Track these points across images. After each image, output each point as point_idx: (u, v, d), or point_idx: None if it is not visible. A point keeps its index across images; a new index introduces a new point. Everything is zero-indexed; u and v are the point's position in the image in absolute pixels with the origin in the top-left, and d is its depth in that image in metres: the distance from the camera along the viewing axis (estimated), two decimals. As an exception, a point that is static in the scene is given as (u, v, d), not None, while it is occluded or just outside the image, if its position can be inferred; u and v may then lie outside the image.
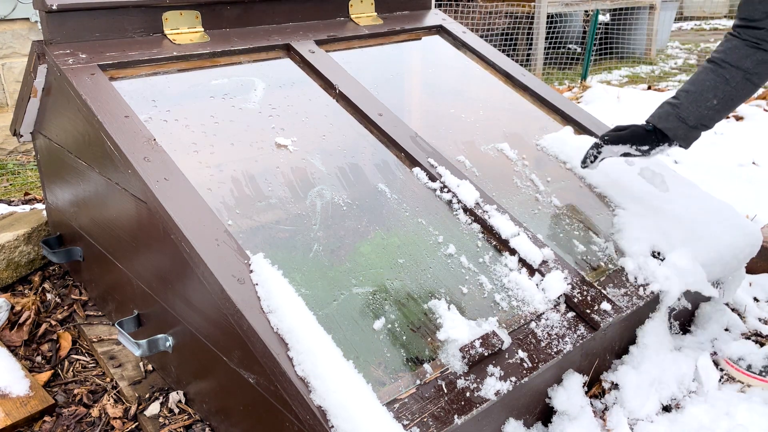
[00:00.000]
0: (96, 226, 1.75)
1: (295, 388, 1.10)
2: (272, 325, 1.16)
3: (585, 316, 1.43)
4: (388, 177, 1.67)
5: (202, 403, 1.48)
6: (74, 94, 1.55)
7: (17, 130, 2.01)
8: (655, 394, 1.50)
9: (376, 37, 2.19)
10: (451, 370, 1.24)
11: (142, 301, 1.60)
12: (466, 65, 2.26)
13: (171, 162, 1.43)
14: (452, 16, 2.22)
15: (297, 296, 1.21)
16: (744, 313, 1.88)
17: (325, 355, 1.12)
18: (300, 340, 1.13)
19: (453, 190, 1.62)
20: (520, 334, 1.35)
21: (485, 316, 1.37)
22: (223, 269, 1.23)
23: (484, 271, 1.48)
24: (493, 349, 1.27)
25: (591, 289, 1.48)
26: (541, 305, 1.42)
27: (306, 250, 1.42)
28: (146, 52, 1.75)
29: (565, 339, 1.37)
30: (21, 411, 1.53)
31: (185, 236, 1.28)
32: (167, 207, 1.32)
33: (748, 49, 1.48)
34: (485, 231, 1.57)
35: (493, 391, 1.22)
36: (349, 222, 1.51)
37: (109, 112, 1.51)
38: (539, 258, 1.49)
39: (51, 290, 2.02)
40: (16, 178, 3.66)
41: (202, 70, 1.82)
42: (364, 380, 1.12)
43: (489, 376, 1.24)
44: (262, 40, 1.95)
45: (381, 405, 1.11)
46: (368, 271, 1.42)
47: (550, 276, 1.46)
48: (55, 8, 1.65)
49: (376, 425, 1.06)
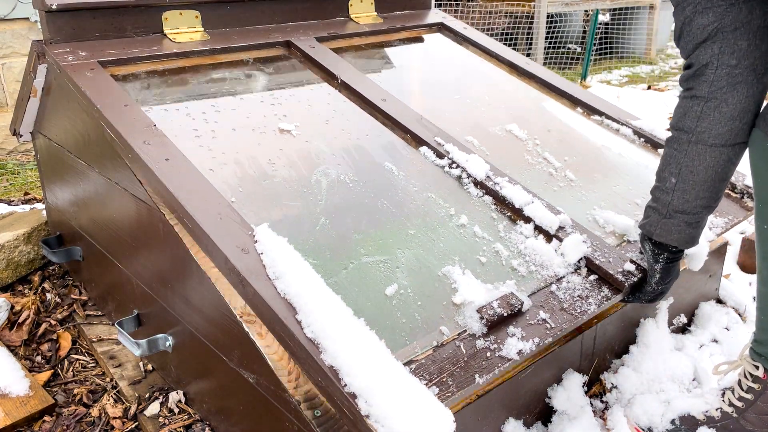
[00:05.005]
0: (96, 225, 1.75)
1: (305, 350, 1.05)
2: (279, 291, 1.12)
3: (608, 278, 1.36)
4: (394, 156, 1.64)
5: (202, 403, 1.48)
6: (73, 88, 1.55)
7: (17, 129, 2.01)
8: (655, 394, 1.50)
9: (377, 34, 2.19)
10: (470, 332, 1.18)
11: (141, 301, 1.60)
12: (470, 58, 2.26)
13: (172, 144, 1.42)
14: (452, 16, 2.23)
15: (304, 261, 1.17)
16: (744, 313, 1.88)
17: (334, 314, 1.08)
18: (308, 302, 1.09)
19: (462, 165, 1.59)
20: (540, 296, 1.29)
21: (502, 280, 1.32)
22: (227, 240, 1.20)
23: (498, 239, 1.42)
24: (513, 310, 1.21)
25: (612, 252, 1.41)
26: (561, 269, 1.36)
27: (312, 223, 1.39)
28: (146, 49, 1.75)
29: (588, 300, 1.30)
30: (21, 411, 1.53)
31: (187, 211, 1.25)
32: (168, 185, 1.30)
33: (685, 102, 1.20)
34: (498, 202, 1.52)
35: (515, 350, 1.16)
36: (356, 197, 1.48)
37: (108, 102, 1.50)
38: (556, 223, 1.43)
39: (51, 290, 2.02)
40: (15, 178, 3.66)
41: (202, 65, 1.82)
42: (376, 337, 1.07)
43: (510, 337, 1.18)
44: (262, 39, 1.95)
45: (395, 359, 1.05)
46: (377, 241, 1.37)
47: (568, 240, 1.39)
48: (55, 8, 1.65)
49: (390, 379, 1.01)
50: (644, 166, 1.81)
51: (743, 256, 2.13)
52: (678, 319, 1.74)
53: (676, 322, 1.73)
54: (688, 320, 1.80)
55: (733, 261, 2.16)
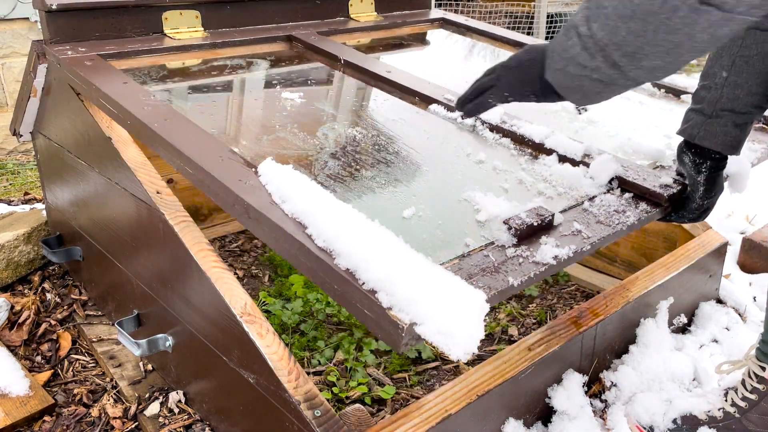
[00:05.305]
0: (96, 225, 1.75)
1: (318, 259, 0.98)
2: (286, 212, 1.07)
3: (645, 193, 1.26)
4: (403, 114, 1.60)
5: (202, 403, 1.48)
6: (72, 75, 1.55)
7: (17, 129, 2.01)
8: (656, 393, 1.50)
9: (378, 29, 2.20)
10: (498, 244, 1.09)
11: (141, 301, 1.60)
12: (475, 44, 2.25)
13: (171, 109, 1.41)
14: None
15: (311, 182, 1.10)
16: (744, 313, 1.88)
17: (347, 220, 1.00)
18: (318, 216, 1.02)
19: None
20: (572, 213, 1.20)
21: (530, 200, 1.22)
22: (229, 175, 1.16)
23: (521, 170, 1.33)
24: (543, 221, 1.12)
25: (646, 172, 1.32)
26: (592, 189, 1.27)
27: (320, 166, 1.34)
28: (146, 45, 1.76)
29: (626, 214, 1.21)
30: (21, 411, 1.53)
31: (188, 157, 1.22)
32: (167, 138, 1.27)
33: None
34: (516, 142, 1.44)
35: (551, 255, 1.06)
36: (365, 146, 1.43)
37: (106, 80, 1.50)
38: (581, 151, 1.35)
39: (51, 290, 2.02)
40: (15, 178, 3.66)
41: (204, 59, 1.83)
42: (393, 234, 0.98)
43: (543, 245, 1.08)
44: (263, 35, 1.96)
45: (414, 251, 0.95)
46: (391, 177, 1.30)
47: (596, 162, 1.30)
48: (55, 8, 1.65)
49: (412, 269, 0.91)
50: (668, 110, 1.74)
51: (743, 256, 2.13)
52: (678, 319, 1.74)
53: (676, 322, 1.73)
54: (688, 320, 1.80)
55: (733, 261, 2.16)
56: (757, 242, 2.09)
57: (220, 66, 1.79)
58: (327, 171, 1.32)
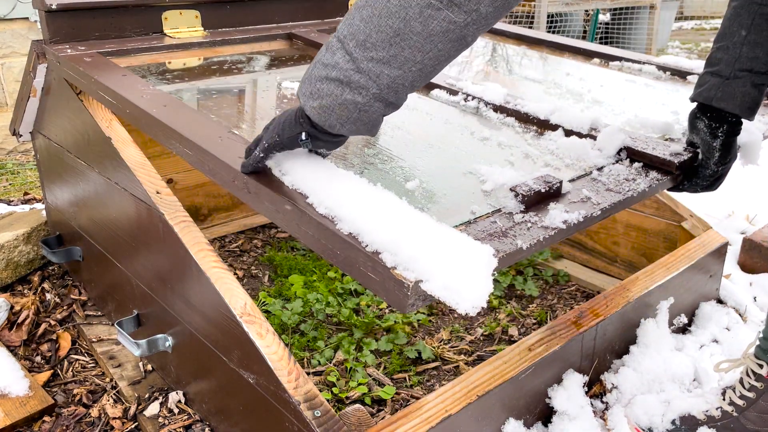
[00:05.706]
0: (95, 225, 1.75)
1: (320, 226, 0.96)
2: (287, 184, 1.05)
3: (655, 161, 1.24)
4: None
5: (202, 403, 1.48)
6: (72, 72, 1.56)
7: (16, 129, 2.01)
8: (656, 394, 1.50)
9: None
10: (505, 211, 1.07)
11: (141, 301, 1.60)
12: (477, 40, 2.26)
13: (170, 97, 1.42)
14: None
15: (311, 154, 1.08)
16: (744, 313, 1.88)
17: (349, 186, 0.98)
18: (319, 185, 0.99)
19: (478, 96, 1.51)
20: (581, 182, 1.18)
21: (537, 170, 1.20)
22: (228, 153, 1.15)
23: (527, 145, 1.31)
24: (551, 188, 1.10)
25: (654, 141, 1.30)
26: (600, 160, 1.25)
27: None
28: (146, 44, 1.76)
29: (637, 182, 1.19)
30: (20, 411, 1.53)
31: (186, 138, 1.23)
32: (166, 121, 1.28)
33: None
34: (521, 120, 1.43)
35: (560, 219, 1.04)
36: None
37: (105, 73, 1.51)
38: (587, 124, 1.34)
39: (50, 290, 2.02)
40: (15, 178, 3.66)
41: (204, 56, 1.83)
42: (396, 197, 0.96)
43: (552, 210, 1.06)
44: (263, 33, 1.96)
45: (418, 211, 0.93)
46: (393, 154, 1.28)
47: (603, 134, 1.28)
48: (55, 8, 1.65)
49: (416, 228, 0.89)
50: (675, 90, 1.73)
51: (743, 256, 2.13)
52: (678, 319, 1.74)
53: (677, 322, 1.73)
54: (689, 320, 1.80)
55: (733, 261, 2.16)
56: (757, 242, 2.09)
57: (220, 62, 1.79)
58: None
